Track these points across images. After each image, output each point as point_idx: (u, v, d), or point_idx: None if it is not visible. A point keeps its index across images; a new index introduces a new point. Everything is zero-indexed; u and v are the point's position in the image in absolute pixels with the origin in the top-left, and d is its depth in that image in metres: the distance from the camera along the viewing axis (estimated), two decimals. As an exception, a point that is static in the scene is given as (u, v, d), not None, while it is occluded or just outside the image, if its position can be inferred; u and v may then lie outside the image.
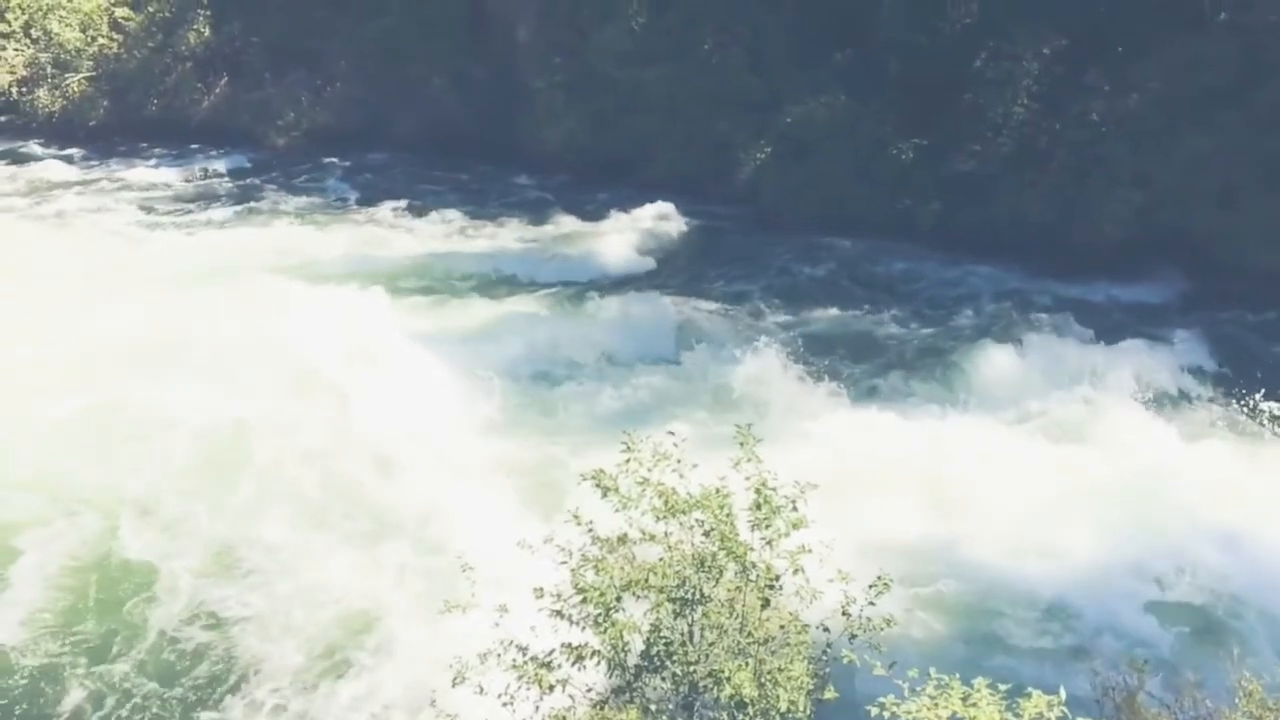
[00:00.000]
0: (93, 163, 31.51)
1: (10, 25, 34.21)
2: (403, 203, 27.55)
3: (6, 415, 16.25)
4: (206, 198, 28.46)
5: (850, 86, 25.16)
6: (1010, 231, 22.38)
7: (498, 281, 22.49)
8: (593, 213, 26.29)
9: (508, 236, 25.40)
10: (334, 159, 31.14)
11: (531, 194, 28.32)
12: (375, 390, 16.71)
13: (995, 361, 17.46)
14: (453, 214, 26.78)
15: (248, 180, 30.06)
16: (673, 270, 23.09)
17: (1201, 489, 13.20)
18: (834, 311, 20.52)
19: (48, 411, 16.13)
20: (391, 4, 31.46)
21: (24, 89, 34.19)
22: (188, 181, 30.03)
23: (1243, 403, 16.21)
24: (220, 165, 31.08)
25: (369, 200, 27.97)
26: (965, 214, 23.10)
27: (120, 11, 34.11)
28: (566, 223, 26.05)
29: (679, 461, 7.71)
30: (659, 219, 25.69)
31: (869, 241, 23.56)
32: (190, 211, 27.25)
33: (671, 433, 7.87)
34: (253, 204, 27.77)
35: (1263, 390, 16.25)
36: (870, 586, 7.13)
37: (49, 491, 14.47)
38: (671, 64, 27.69)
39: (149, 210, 27.43)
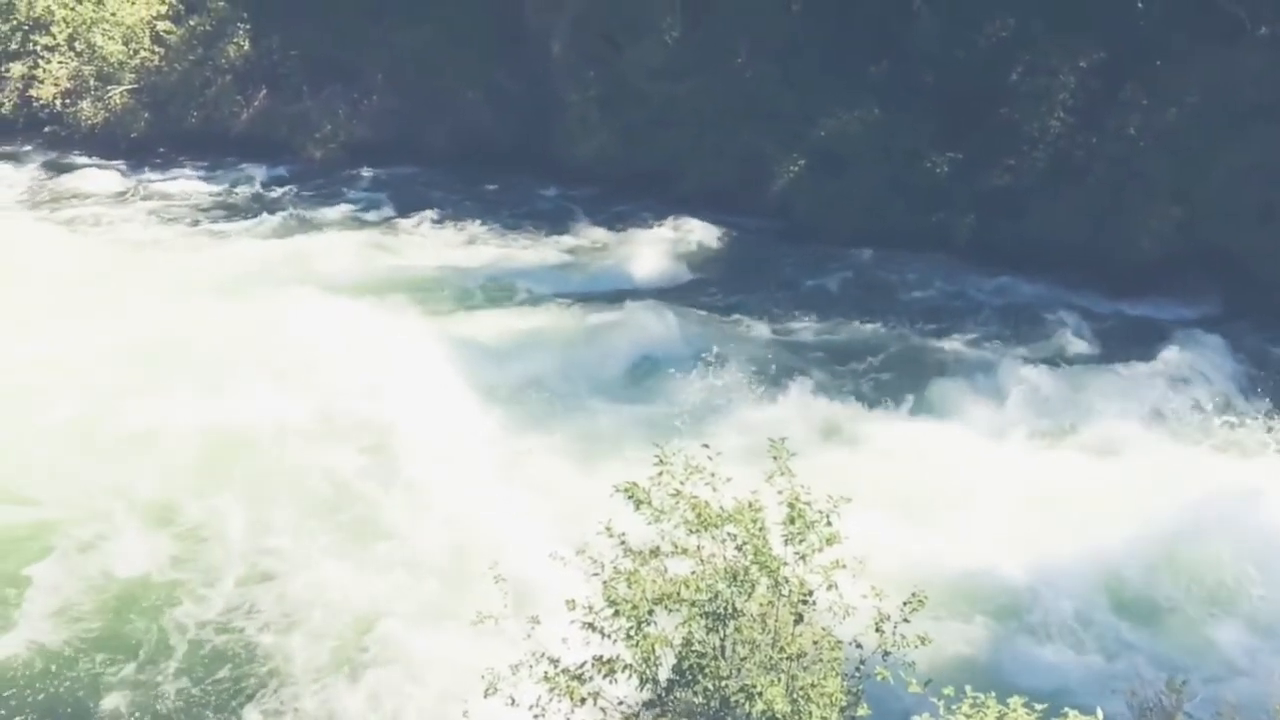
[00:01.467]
0: (133, 173, 31.94)
1: (55, 38, 34.76)
2: (435, 214, 27.73)
3: (41, 422, 16.44)
4: (244, 209, 28.78)
5: (884, 100, 25.10)
6: (1046, 246, 22.19)
7: (527, 293, 22.57)
8: (624, 225, 26.35)
9: (538, 248, 25.50)
10: (369, 171, 31.41)
11: (562, 207, 28.42)
12: (401, 401, 16.81)
13: (1030, 377, 17.31)
14: (484, 226, 26.93)
15: (284, 191, 30.36)
16: (704, 283, 23.09)
17: (1246, 509, 13.00)
18: (867, 325, 20.44)
19: (79, 418, 16.33)
20: (428, 18, 31.70)
21: (67, 101, 34.68)
22: (226, 193, 30.36)
23: (1285, 421, 15.99)
24: (258, 177, 31.40)
25: (402, 211, 28.18)
26: (1000, 228, 22.94)
27: (162, 25, 34.56)
28: (597, 235, 26.12)
29: (712, 475, 7.72)
30: (690, 232, 25.70)
31: (902, 254, 23.45)
32: (228, 222, 27.56)
33: (705, 445, 7.88)
34: (288, 215, 28.05)
35: (1304, 409, 16.04)
36: (905, 603, 7.09)
37: (85, 495, 14.67)
38: (704, 77, 27.73)
39: (187, 221, 27.78)
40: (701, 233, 25.65)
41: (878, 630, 7.10)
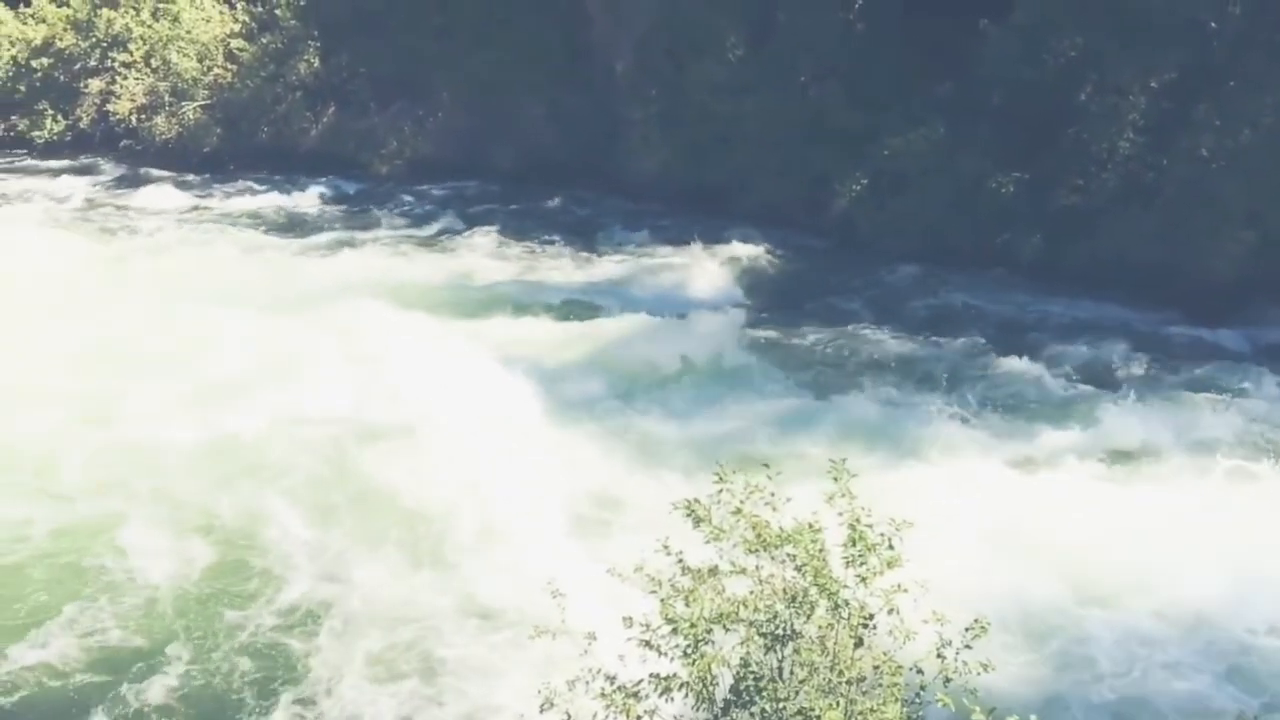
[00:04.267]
0: (204, 187, 32.69)
1: (132, 56, 35.75)
2: (498, 229, 27.99)
3: (100, 425, 16.82)
4: (311, 223, 29.28)
5: (950, 119, 24.89)
6: (1114, 268, 21.82)
7: (588, 307, 22.66)
8: (685, 242, 26.36)
9: (598, 264, 25.62)
10: (433, 187, 31.81)
11: (624, 223, 28.52)
12: (461, 412, 16.95)
13: (1097, 403, 16.98)
14: (546, 241, 27.12)
15: (350, 207, 30.86)
16: (766, 301, 23.00)
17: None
18: (930, 345, 20.20)
19: (157, 430, 16.67)
20: (494, 37, 32.12)
21: (143, 116, 35.63)
22: (294, 207, 30.93)
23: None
24: (325, 192, 31.96)
25: (465, 227, 28.49)
26: (1068, 249, 22.60)
27: (236, 43, 35.39)
28: (658, 252, 26.17)
29: (772, 494, 7.66)
30: (751, 249, 25.67)
31: (967, 275, 23.20)
32: (295, 237, 28.05)
33: (766, 465, 7.83)
34: (354, 231, 28.48)
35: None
36: (967, 629, 6.97)
37: (136, 497, 15.00)
38: (767, 95, 27.74)
39: (255, 234, 28.31)
40: (763, 250, 25.61)
41: (939, 656, 6.97)
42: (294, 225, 29.16)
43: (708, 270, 24.49)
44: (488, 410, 17.04)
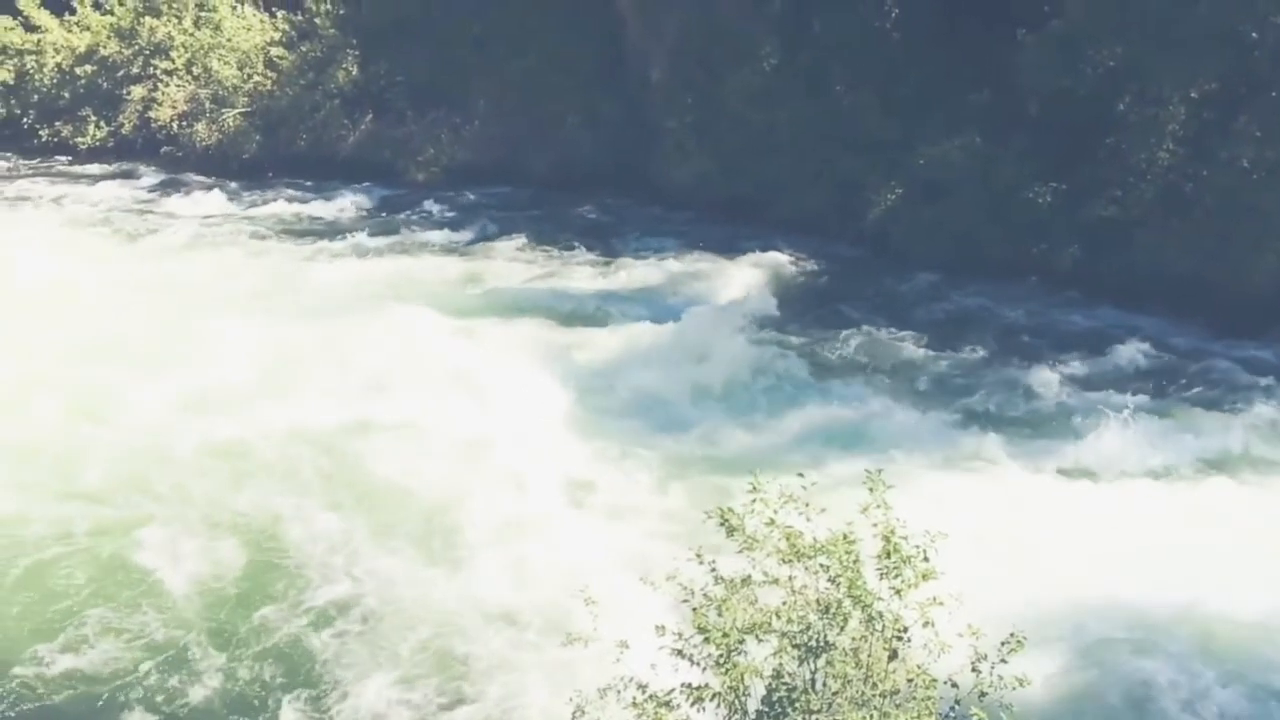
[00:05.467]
0: (243, 193, 33.05)
1: (174, 63, 36.24)
2: (532, 236, 28.12)
3: (136, 429, 17.05)
4: (347, 228, 29.49)
5: (986, 128, 24.75)
6: (1152, 280, 21.60)
7: (621, 314, 22.69)
8: (719, 250, 26.37)
9: (630, 271, 25.66)
10: (469, 194, 31.99)
11: (658, 231, 28.56)
12: (496, 417, 17.06)
13: (1130, 415, 16.79)
14: (579, 249, 27.20)
15: (386, 214, 31.09)
16: (799, 309, 22.94)
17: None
18: (963, 355, 20.07)
19: (200, 429, 16.89)
20: (532, 46, 32.31)
21: (183, 123, 36.10)
22: (331, 213, 31.21)
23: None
24: (362, 199, 32.22)
25: (501, 233, 28.63)
26: (1105, 261, 22.40)
27: (275, 51, 35.78)
28: (692, 260, 26.17)
29: (806, 504, 7.66)
30: (785, 257, 25.65)
31: (1001, 285, 23.04)
32: (331, 241, 28.28)
33: (800, 475, 7.83)
34: (390, 236, 28.68)
35: None
36: (1003, 643, 6.93)
37: (178, 500, 15.19)
38: (803, 104, 27.72)
39: (292, 239, 28.61)
40: (795, 258, 25.58)
41: (974, 670, 6.94)
42: (329, 230, 29.42)
43: (740, 278, 24.48)
44: (518, 414, 17.14)
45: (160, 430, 16.88)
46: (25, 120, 38.09)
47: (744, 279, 24.44)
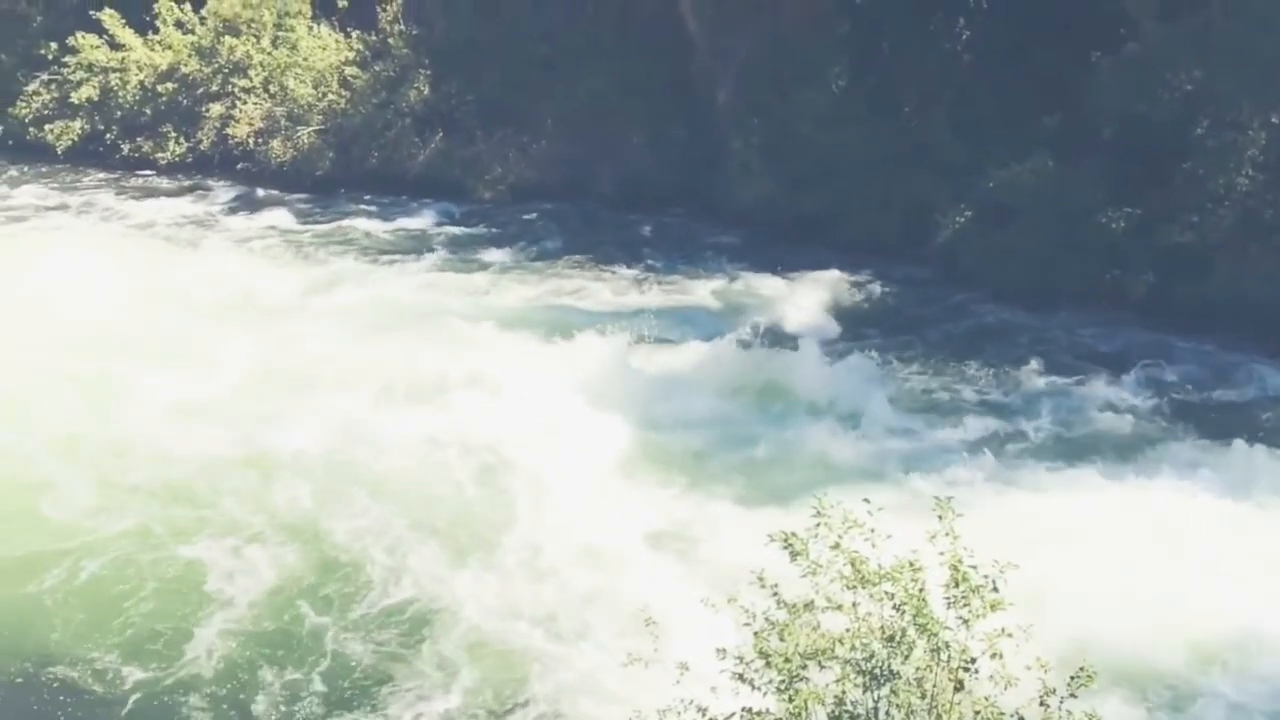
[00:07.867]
0: (317, 210, 33.64)
1: (252, 81, 37.08)
2: (597, 255, 28.25)
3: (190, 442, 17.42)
4: (416, 245, 29.90)
5: (1058, 151, 24.38)
6: (1229, 308, 21.10)
7: (685, 334, 22.67)
8: (784, 271, 26.27)
9: (698, 291, 25.66)
10: (535, 213, 32.25)
11: (723, 252, 28.51)
12: (560, 436, 17.14)
13: (1213, 448, 16.40)
14: (644, 268, 27.27)
15: (454, 230, 31.44)
16: (865, 332, 22.77)
17: None
18: (1035, 381, 19.74)
19: (272, 440, 17.22)
20: (600, 66, 32.56)
21: (259, 140, 36.86)
22: (401, 230, 31.66)
23: None
24: (430, 216, 32.61)
25: (564, 252, 28.79)
26: (1180, 288, 21.92)
27: (350, 70, 36.45)
28: (757, 281, 26.10)
29: (871, 530, 7.57)
30: (851, 280, 25.46)
31: (1073, 311, 22.68)
32: (401, 257, 28.69)
33: (866, 500, 7.75)
34: (457, 253, 29.00)
35: None
36: (1072, 678, 6.78)
37: (237, 509, 15.47)
38: (871, 125, 27.55)
39: (364, 256, 29.06)
40: (862, 280, 25.39)
41: (1043, 704, 6.80)
42: (397, 247, 29.85)
43: (806, 299, 24.36)
44: (582, 434, 17.20)
45: (206, 439, 17.24)
46: (109, 136, 39.10)
47: (810, 300, 24.32)
